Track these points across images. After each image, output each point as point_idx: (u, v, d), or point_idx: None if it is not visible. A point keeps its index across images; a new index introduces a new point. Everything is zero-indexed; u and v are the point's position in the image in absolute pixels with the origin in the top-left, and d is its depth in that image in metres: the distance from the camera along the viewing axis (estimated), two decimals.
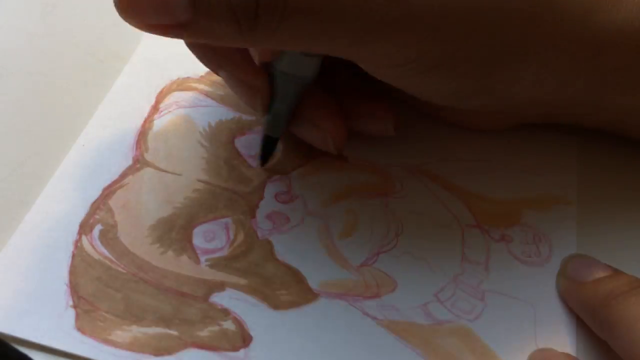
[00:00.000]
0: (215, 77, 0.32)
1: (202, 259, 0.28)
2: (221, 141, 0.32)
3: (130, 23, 0.22)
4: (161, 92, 0.33)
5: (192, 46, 0.28)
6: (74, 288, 0.26)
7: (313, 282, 0.27)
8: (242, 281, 0.27)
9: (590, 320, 0.25)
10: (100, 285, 0.26)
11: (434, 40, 0.23)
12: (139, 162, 0.30)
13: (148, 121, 0.32)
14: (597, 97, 0.28)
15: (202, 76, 0.34)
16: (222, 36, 0.22)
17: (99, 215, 0.28)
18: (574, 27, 0.25)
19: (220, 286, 0.27)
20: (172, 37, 0.22)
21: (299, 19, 0.22)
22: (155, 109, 0.33)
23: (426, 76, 0.25)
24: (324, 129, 0.29)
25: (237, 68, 0.28)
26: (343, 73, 0.30)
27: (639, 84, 0.27)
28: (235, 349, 0.25)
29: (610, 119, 0.30)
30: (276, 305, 0.26)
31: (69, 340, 0.25)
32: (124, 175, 0.30)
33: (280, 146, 0.31)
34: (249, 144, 0.31)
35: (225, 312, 0.26)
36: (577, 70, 0.26)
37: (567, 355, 0.25)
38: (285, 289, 0.27)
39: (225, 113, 0.33)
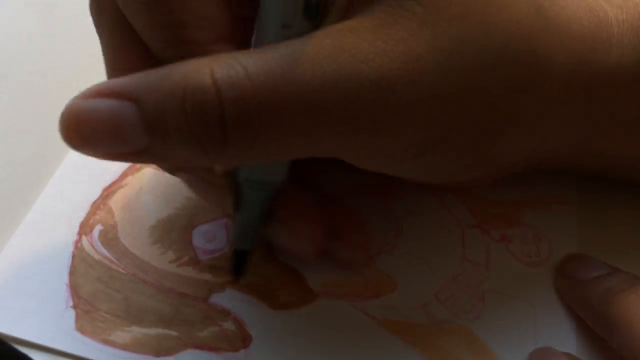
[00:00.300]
0: None
1: (202, 259, 0.28)
2: None
3: (81, 152, 0.20)
4: None
5: None
6: (74, 288, 0.26)
7: (313, 282, 0.27)
8: (242, 281, 0.27)
9: (590, 318, 0.25)
10: (100, 285, 0.26)
11: (426, 127, 0.21)
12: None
13: None
14: (590, 146, 0.27)
15: None
16: (187, 161, 0.21)
17: (99, 216, 0.29)
18: (565, 84, 0.23)
19: (220, 287, 0.27)
20: (134, 162, 0.20)
21: (277, 130, 0.19)
22: None
23: (420, 161, 0.23)
24: (300, 236, 0.26)
25: (197, 168, 0.25)
26: (321, 168, 0.27)
27: (630, 130, 0.26)
28: (235, 349, 0.25)
29: (604, 166, 0.29)
30: (276, 305, 0.26)
31: (69, 340, 0.25)
32: (124, 175, 0.30)
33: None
34: None
35: (225, 313, 0.26)
36: (572, 122, 0.25)
37: (567, 354, 0.25)
38: (285, 289, 0.27)
39: None
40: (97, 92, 0.19)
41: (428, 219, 0.29)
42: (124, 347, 0.25)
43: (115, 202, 0.29)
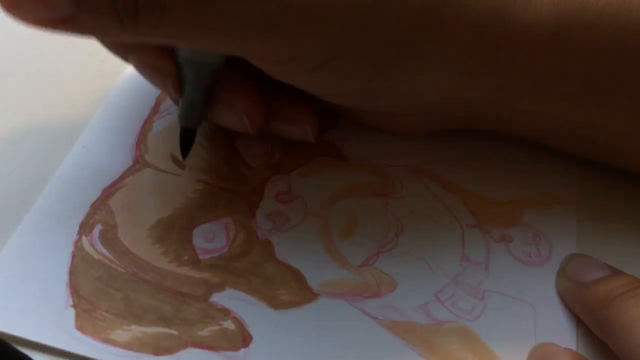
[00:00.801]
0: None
1: (202, 258, 0.28)
2: (221, 141, 0.32)
3: (14, 18, 0.22)
4: (161, 93, 0.33)
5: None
6: (74, 288, 0.26)
7: (313, 282, 0.27)
8: (242, 281, 0.27)
9: (590, 321, 0.25)
10: (100, 285, 0.26)
11: (318, 37, 0.23)
12: (139, 163, 0.30)
13: (148, 122, 0.32)
14: (509, 101, 0.27)
15: None
16: (106, 31, 0.23)
17: (99, 216, 0.28)
18: (476, 26, 0.24)
19: (220, 286, 0.27)
20: (57, 31, 0.22)
21: (178, 14, 0.22)
22: (155, 110, 0.33)
23: (316, 74, 0.25)
24: (239, 110, 0.28)
25: (144, 52, 0.28)
26: None
27: (549, 88, 0.26)
28: (235, 348, 0.25)
29: (530, 128, 0.29)
30: (276, 305, 0.26)
31: (69, 339, 0.25)
32: (124, 176, 0.30)
33: (280, 146, 0.31)
34: (249, 144, 0.31)
35: (225, 312, 0.26)
36: (482, 70, 0.25)
37: (567, 349, 0.25)
38: (285, 289, 0.27)
39: None
40: None
41: (428, 219, 0.29)
42: (124, 346, 0.25)
43: (115, 202, 0.29)
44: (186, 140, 0.29)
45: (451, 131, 0.31)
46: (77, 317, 0.25)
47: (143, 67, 0.28)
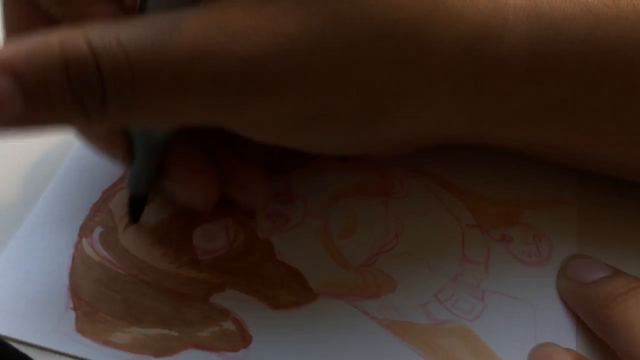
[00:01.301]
0: None
1: (202, 259, 0.28)
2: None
3: None
4: None
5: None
6: (74, 290, 0.26)
7: (313, 282, 0.27)
8: (242, 281, 0.27)
9: (590, 321, 0.25)
10: (100, 287, 0.26)
11: (298, 102, 0.22)
12: None
13: None
14: (488, 131, 0.27)
15: None
16: (67, 124, 0.21)
17: (99, 218, 0.29)
18: (453, 65, 0.23)
19: (220, 286, 0.27)
20: (12, 130, 0.20)
21: (150, 97, 0.20)
22: None
23: (297, 134, 0.24)
24: (193, 188, 0.27)
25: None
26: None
27: (520, 117, 0.26)
28: (235, 349, 0.25)
29: (512, 146, 0.29)
30: (276, 305, 0.26)
31: (69, 342, 0.25)
32: (124, 177, 0.30)
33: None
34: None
35: (225, 313, 0.26)
36: (461, 106, 0.25)
37: (567, 349, 0.25)
38: (285, 289, 0.27)
39: None
40: None
41: (428, 219, 0.29)
42: (125, 347, 0.25)
43: (116, 203, 0.29)
44: (136, 206, 0.28)
45: None
46: (78, 319, 0.26)
47: (88, 139, 0.27)
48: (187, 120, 0.23)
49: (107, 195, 0.29)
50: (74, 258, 0.27)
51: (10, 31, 0.25)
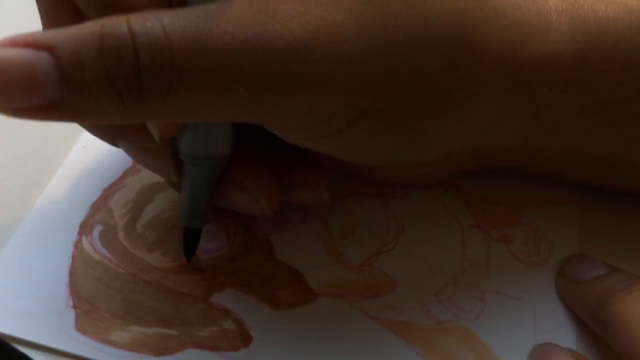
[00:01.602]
0: None
1: (202, 259, 0.28)
2: None
3: None
4: None
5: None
6: (74, 288, 0.26)
7: (313, 282, 0.27)
8: (242, 281, 0.27)
9: (589, 319, 0.25)
10: (100, 285, 0.26)
11: (345, 96, 0.21)
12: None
13: None
14: (534, 139, 0.26)
15: None
16: (102, 114, 0.20)
17: (99, 216, 0.29)
18: (497, 68, 0.23)
19: (220, 286, 0.27)
20: (41, 119, 0.19)
21: (189, 85, 0.19)
22: None
23: (340, 137, 0.23)
24: (256, 194, 0.26)
25: (138, 135, 0.25)
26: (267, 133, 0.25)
27: (566, 122, 0.25)
28: (235, 349, 0.25)
29: (554, 164, 0.29)
30: (276, 305, 0.26)
31: (69, 340, 0.25)
32: (124, 176, 0.30)
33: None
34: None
35: (225, 312, 0.26)
36: (509, 109, 0.25)
37: (567, 349, 0.25)
38: (285, 289, 0.27)
39: None
40: (12, 42, 0.19)
41: (428, 219, 0.29)
42: (124, 346, 0.25)
43: (115, 202, 0.29)
44: (191, 241, 0.27)
45: None
46: (77, 318, 0.25)
47: (138, 152, 0.26)
48: (226, 115, 0.21)
49: (107, 194, 0.29)
50: (73, 256, 0.27)
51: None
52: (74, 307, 0.26)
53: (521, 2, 0.24)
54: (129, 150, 0.26)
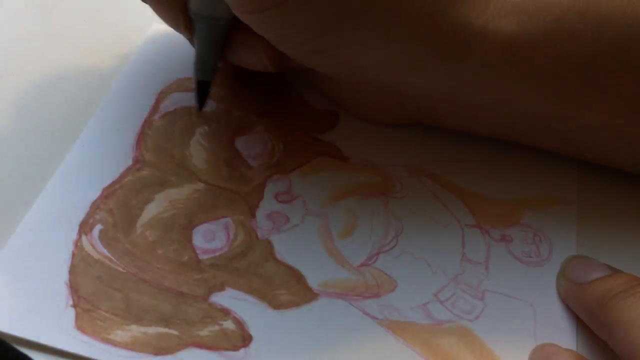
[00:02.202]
0: (216, 78, 0.32)
1: (202, 258, 0.28)
2: (221, 141, 0.31)
3: None
4: (161, 92, 0.33)
5: None
6: (74, 287, 0.26)
7: (313, 282, 0.27)
8: (242, 281, 0.27)
9: (590, 321, 0.25)
10: (100, 284, 0.26)
11: None
12: (139, 163, 0.30)
13: (148, 121, 0.32)
14: (459, 91, 0.27)
15: None
16: None
17: (99, 215, 0.28)
18: (432, 15, 0.25)
19: (220, 286, 0.27)
20: None
21: None
22: (155, 109, 0.33)
23: (262, 16, 0.25)
24: (258, 48, 0.29)
25: None
26: None
27: (499, 84, 0.26)
28: (235, 348, 0.25)
29: (497, 124, 0.30)
30: (276, 305, 0.26)
31: (69, 339, 0.25)
32: (124, 175, 0.30)
33: (281, 146, 0.31)
34: (249, 144, 0.31)
35: (225, 312, 0.26)
36: (428, 57, 0.26)
37: (567, 349, 0.25)
38: (285, 289, 0.27)
39: (225, 113, 0.33)
40: None
41: (428, 219, 0.29)
42: (124, 345, 0.25)
43: (115, 201, 0.29)
44: (202, 92, 0.30)
45: (451, 131, 0.32)
46: (77, 317, 0.25)
47: (155, 3, 0.29)
48: None
49: (107, 193, 0.29)
50: (73, 255, 0.27)
51: None
52: (74, 306, 0.26)
53: None
54: (148, 1, 0.29)
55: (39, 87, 0.33)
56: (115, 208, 0.29)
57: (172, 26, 0.30)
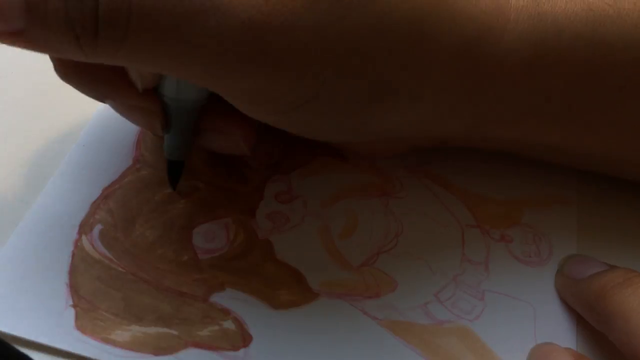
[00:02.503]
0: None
1: (202, 259, 0.28)
2: None
3: None
4: None
5: (64, 76, 0.26)
6: (74, 287, 0.26)
7: (313, 282, 0.27)
8: (242, 281, 0.27)
9: (588, 314, 0.25)
10: (100, 284, 0.26)
11: (296, 79, 0.22)
12: (139, 162, 0.30)
13: None
14: (484, 128, 0.27)
15: None
16: (60, 50, 0.21)
17: (99, 215, 0.28)
18: (451, 60, 0.24)
19: (220, 286, 0.27)
20: (7, 43, 0.20)
21: (143, 40, 0.20)
22: None
23: (289, 116, 0.24)
24: (232, 135, 0.27)
25: (123, 93, 0.26)
26: None
27: (518, 116, 0.26)
28: (235, 348, 0.25)
29: (507, 148, 0.30)
30: (276, 305, 0.26)
31: (69, 339, 0.25)
32: (124, 175, 0.30)
33: (281, 146, 0.31)
34: None
35: (225, 312, 0.26)
36: (457, 103, 0.25)
37: (567, 349, 0.25)
38: (285, 289, 0.27)
39: None
40: None
41: (428, 219, 0.29)
42: (124, 345, 0.25)
43: (115, 201, 0.29)
44: (174, 172, 0.29)
45: None
46: (77, 317, 0.25)
47: (124, 109, 0.27)
48: (180, 74, 0.23)
49: (106, 193, 0.29)
50: (73, 255, 0.27)
51: None
52: (74, 306, 0.26)
53: (481, 0, 0.24)
54: (116, 108, 0.27)
55: (39, 87, 0.33)
56: (115, 208, 0.29)
57: (139, 117, 0.27)
